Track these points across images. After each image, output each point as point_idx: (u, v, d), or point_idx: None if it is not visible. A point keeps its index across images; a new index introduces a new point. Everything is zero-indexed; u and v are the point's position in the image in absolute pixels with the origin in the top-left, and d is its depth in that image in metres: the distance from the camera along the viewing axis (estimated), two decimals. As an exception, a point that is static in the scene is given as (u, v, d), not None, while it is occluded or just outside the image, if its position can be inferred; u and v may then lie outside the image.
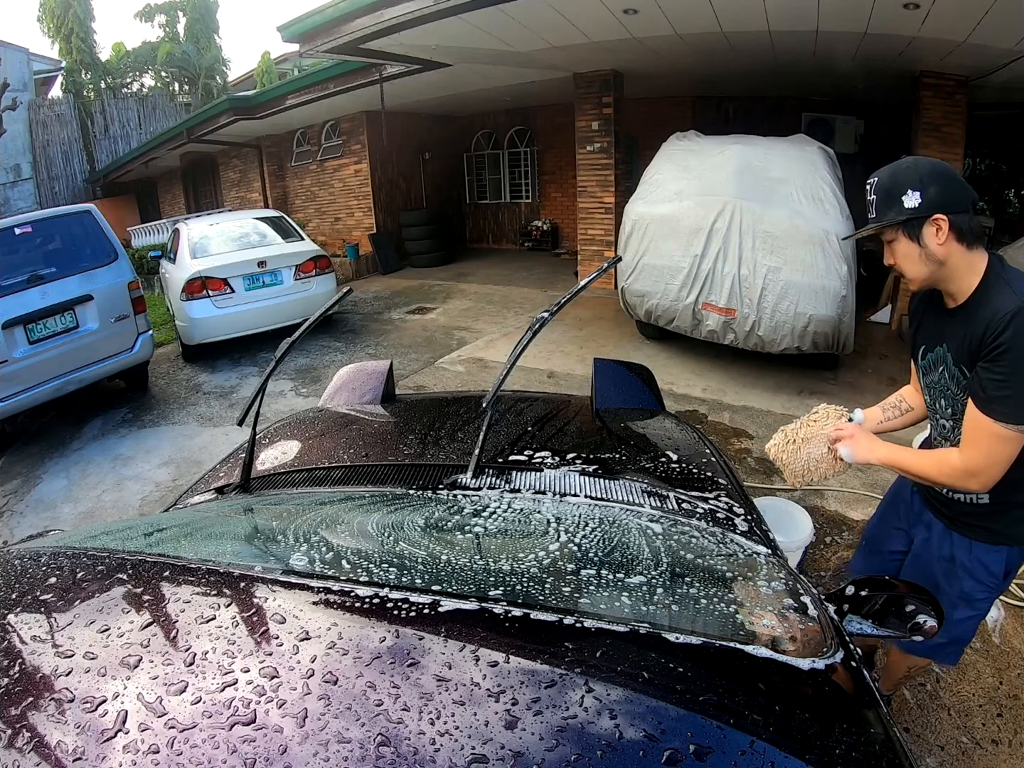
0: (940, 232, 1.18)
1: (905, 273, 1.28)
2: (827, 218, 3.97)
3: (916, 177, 1.19)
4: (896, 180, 1.22)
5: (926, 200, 1.18)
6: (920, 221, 1.19)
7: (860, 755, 0.54)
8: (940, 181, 1.19)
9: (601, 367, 1.94)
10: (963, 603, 1.37)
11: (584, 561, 0.87)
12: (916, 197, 1.19)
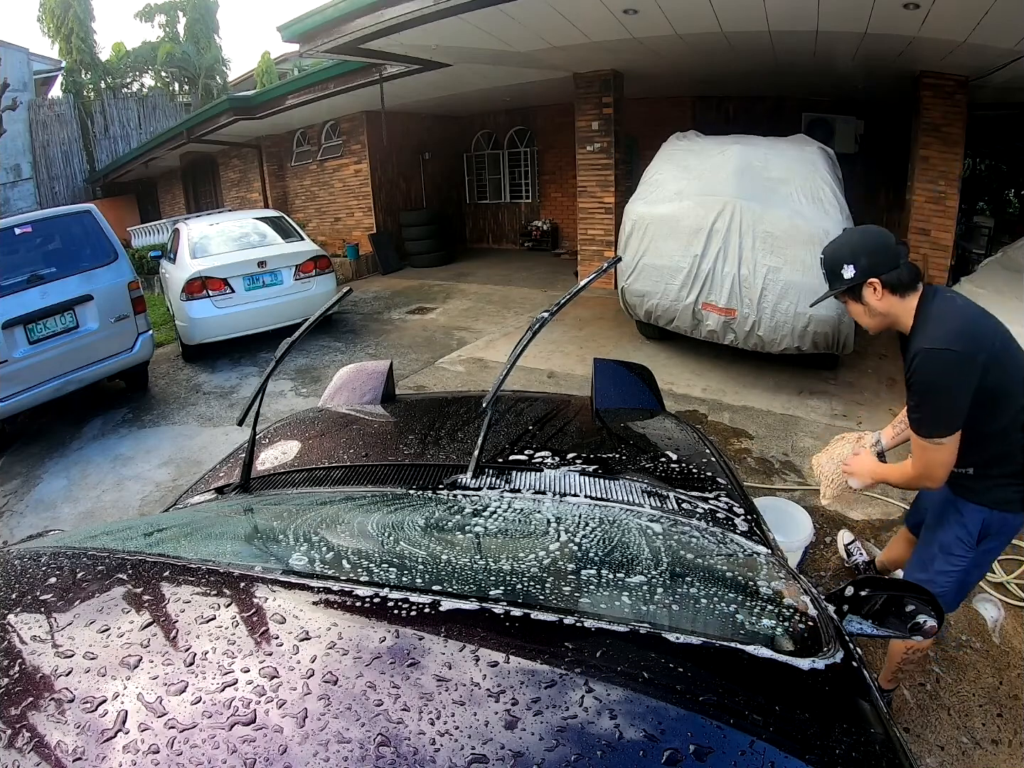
0: (876, 292, 1.48)
1: (861, 325, 1.60)
2: (827, 218, 3.96)
3: (848, 253, 1.50)
4: (834, 258, 1.53)
5: (859, 270, 1.48)
6: (859, 287, 1.50)
7: (860, 755, 0.54)
8: (868, 251, 1.49)
9: (601, 367, 1.94)
10: (942, 554, 1.62)
11: (584, 561, 0.87)
12: (851, 269, 1.49)
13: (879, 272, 1.46)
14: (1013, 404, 1.46)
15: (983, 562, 1.64)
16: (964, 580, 1.64)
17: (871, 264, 1.47)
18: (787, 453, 3.51)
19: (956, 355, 1.38)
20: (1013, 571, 2.48)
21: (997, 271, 4.19)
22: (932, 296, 1.47)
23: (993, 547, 1.62)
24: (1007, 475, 1.52)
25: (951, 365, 1.38)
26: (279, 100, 8.85)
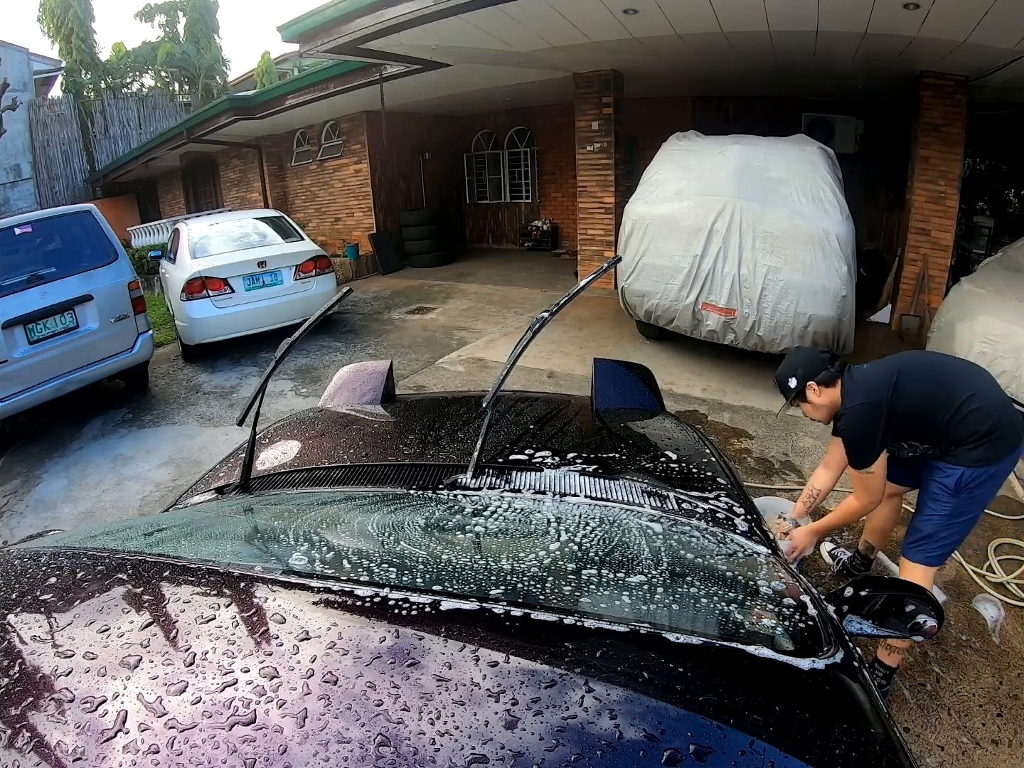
0: (815, 390, 2.00)
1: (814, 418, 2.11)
2: (827, 218, 3.97)
3: (790, 368, 2.04)
4: (782, 374, 2.07)
5: (799, 380, 2.01)
6: (803, 391, 2.01)
7: (860, 755, 0.54)
8: (803, 364, 2.03)
9: (601, 367, 1.94)
10: (930, 500, 1.96)
11: (584, 561, 0.87)
12: (793, 380, 2.02)
13: (814, 376, 1.99)
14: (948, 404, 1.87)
15: (967, 509, 1.93)
16: (952, 522, 1.94)
17: (807, 372, 2.00)
18: (787, 453, 3.51)
19: (861, 408, 1.90)
20: (1013, 571, 2.48)
21: (997, 271, 4.19)
22: (848, 376, 1.99)
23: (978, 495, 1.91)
24: (973, 441, 1.87)
25: (859, 415, 1.90)
26: (279, 100, 8.85)
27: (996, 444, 1.86)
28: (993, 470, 1.89)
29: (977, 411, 1.86)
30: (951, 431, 1.87)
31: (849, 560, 2.54)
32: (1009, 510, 2.89)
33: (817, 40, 4.94)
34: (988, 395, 1.90)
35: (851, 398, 1.93)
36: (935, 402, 1.89)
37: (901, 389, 1.89)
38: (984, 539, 2.69)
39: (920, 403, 1.89)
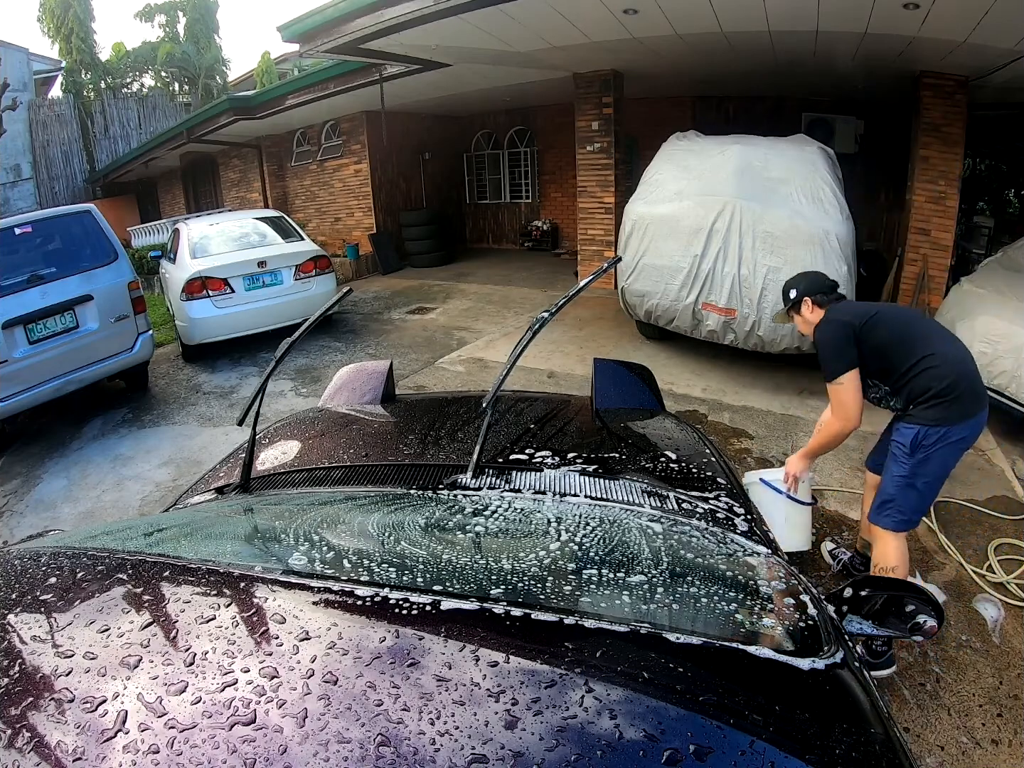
0: (808, 306, 2.24)
1: (802, 331, 2.33)
2: (827, 218, 3.96)
3: (796, 282, 2.30)
4: (784, 289, 2.33)
5: (798, 293, 2.25)
6: (799, 303, 2.26)
7: (860, 755, 0.54)
8: (807, 282, 2.28)
9: (601, 367, 1.94)
10: (891, 462, 2.12)
11: (584, 561, 0.87)
12: (794, 292, 2.27)
13: (811, 294, 2.23)
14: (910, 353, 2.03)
15: (925, 471, 2.05)
16: (911, 483, 2.07)
17: (807, 289, 2.25)
18: (787, 453, 3.51)
19: (832, 322, 2.13)
20: (1013, 571, 2.48)
21: (997, 271, 4.19)
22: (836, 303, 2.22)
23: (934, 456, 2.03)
24: (929, 399, 2.02)
25: (829, 328, 2.12)
26: (279, 100, 8.85)
27: (952, 405, 1.98)
28: (950, 432, 2.00)
29: (936, 369, 2.00)
30: (909, 381, 2.04)
31: (849, 560, 2.55)
32: (1009, 510, 2.89)
33: (817, 40, 4.94)
34: (951, 358, 2.03)
35: (828, 315, 2.18)
36: (899, 347, 2.05)
37: (873, 325, 2.06)
38: (984, 539, 2.69)
39: (886, 343, 2.06)
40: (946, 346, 2.07)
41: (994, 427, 3.72)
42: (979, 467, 3.31)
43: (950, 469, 2.10)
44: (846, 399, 2.06)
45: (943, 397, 1.98)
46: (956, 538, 2.71)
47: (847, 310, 2.16)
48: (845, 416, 2.09)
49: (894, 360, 2.05)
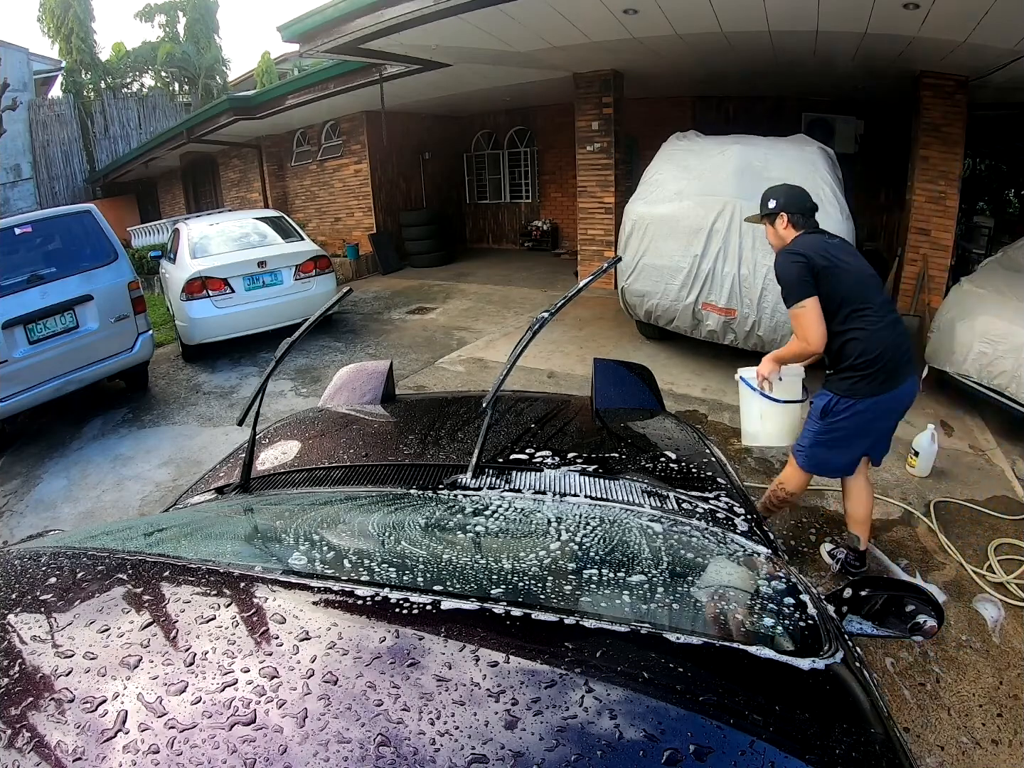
0: (783, 222, 2.29)
1: (770, 242, 2.40)
2: (827, 218, 3.94)
3: (776, 192, 2.32)
4: (766, 194, 2.35)
5: (777, 205, 2.29)
6: (775, 215, 2.30)
7: (860, 755, 0.54)
8: (789, 196, 2.29)
9: (601, 367, 1.94)
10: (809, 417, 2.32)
11: (584, 561, 0.87)
12: (773, 202, 2.30)
13: (788, 210, 2.27)
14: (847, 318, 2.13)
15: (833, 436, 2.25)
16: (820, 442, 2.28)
17: (786, 204, 2.27)
18: (787, 453, 3.51)
19: (791, 253, 2.18)
20: (1013, 571, 2.48)
21: (997, 271, 4.19)
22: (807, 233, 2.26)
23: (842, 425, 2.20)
24: (845, 369, 2.17)
25: (789, 260, 2.17)
26: (279, 100, 8.85)
27: (861, 381, 2.14)
28: (857, 405, 2.17)
29: (860, 342, 2.13)
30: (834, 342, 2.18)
31: (846, 558, 2.55)
32: (1009, 510, 2.89)
33: (817, 40, 4.94)
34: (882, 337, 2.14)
35: (790, 244, 2.24)
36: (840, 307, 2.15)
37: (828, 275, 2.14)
38: (984, 539, 2.69)
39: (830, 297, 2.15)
40: (882, 323, 2.15)
41: (994, 427, 3.72)
42: (979, 467, 3.32)
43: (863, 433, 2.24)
44: (806, 323, 2.14)
45: (858, 371, 2.14)
46: (956, 538, 2.71)
47: (814, 247, 2.18)
48: (804, 338, 2.16)
49: (831, 316, 2.14)
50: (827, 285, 2.13)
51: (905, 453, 3.33)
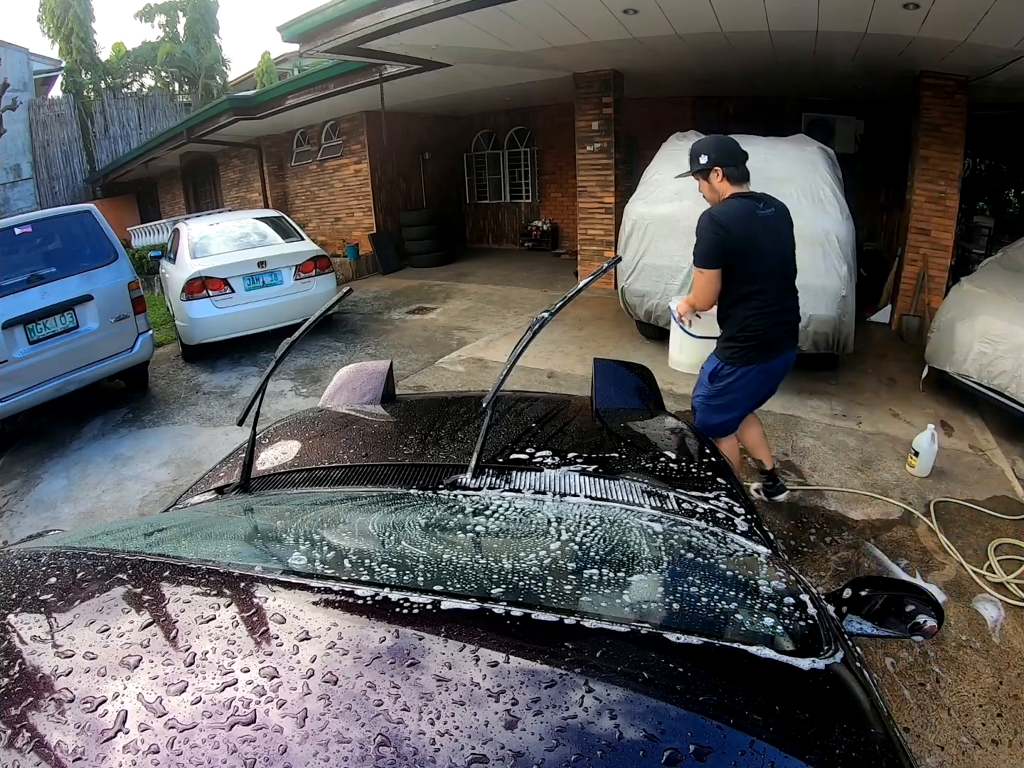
0: (718, 176, 2.29)
1: (704, 196, 2.39)
2: (827, 218, 3.96)
3: (706, 146, 2.32)
4: (696, 149, 2.34)
5: (710, 160, 2.28)
6: (708, 170, 2.30)
7: (860, 755, 0.54)
8: (719, 149, 2.29)
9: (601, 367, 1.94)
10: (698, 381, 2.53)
11: (584, 561, 0.87)
12: (705, 158, 2.29)
13: (722, 164, 2.28)
14: (741, 286, 2.27)
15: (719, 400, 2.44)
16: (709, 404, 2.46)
17: (719, 158, 2.28)
18: (787, 453, 3.51)
19: (715, 221, 2.22)
20: (1013, 571, 2.48)
21: (997, 271, 4.19)
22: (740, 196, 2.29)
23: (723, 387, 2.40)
24: (730, 339, 2.36)
25: (712, 224, 2.23)
26: (279, 100, 8.85)
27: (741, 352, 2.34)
28: (739, 371, 2.36)
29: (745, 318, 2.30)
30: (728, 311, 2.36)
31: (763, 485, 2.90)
32: (1009, 510, 2.89)
33: (817, 40, 4.93)
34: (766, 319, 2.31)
35: (721, 208, 2.27)
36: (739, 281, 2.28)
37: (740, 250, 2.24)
38: (984, 539, 2.69)
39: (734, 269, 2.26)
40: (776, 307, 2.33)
41: (994, 427, 3.72)
42: (979, 467, 3.31)
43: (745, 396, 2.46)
44: (700, 287, 2.34)
45: (739, 342, 2.35)
46: (956, 538, 2.71)
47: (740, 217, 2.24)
48: (696, 299, 2.38)
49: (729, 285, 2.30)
50: (736, 261, 2.25)
51: (905, 453, 3.33)
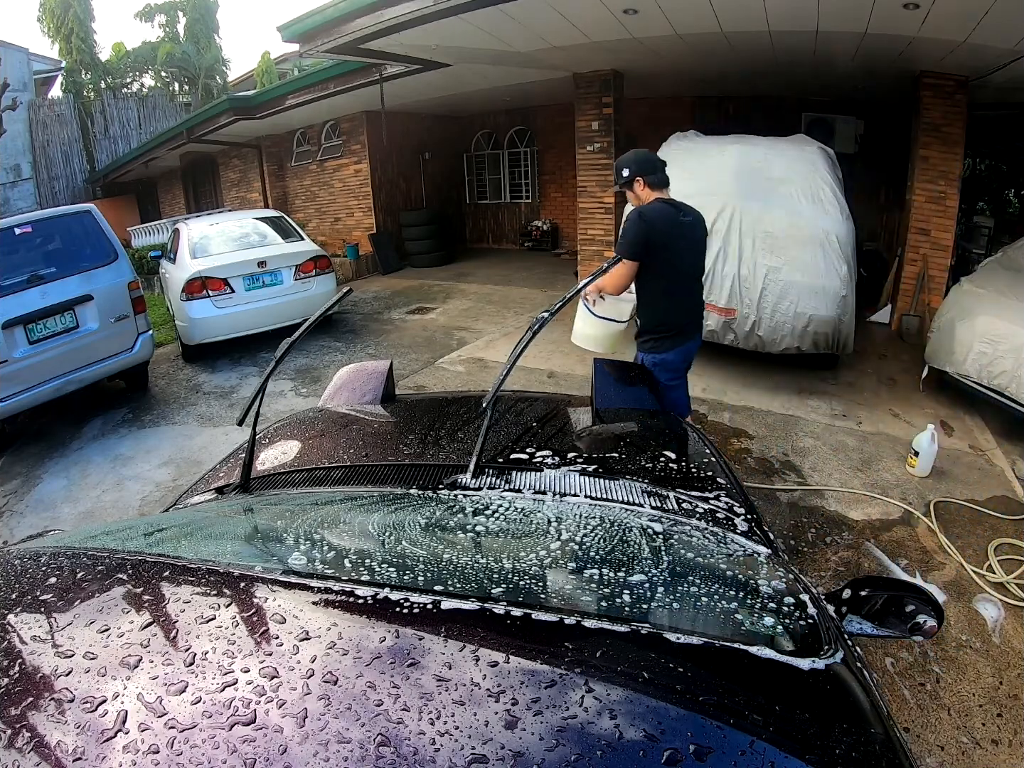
0: (641, 185, 2.53)
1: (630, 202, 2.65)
2: (827, 218, 3.97)
3: (627, 161, 2.55)
4: (619, 164, 2.58)
5: (632, 172, 2.52)
6: (632, 181, 2.53)
7: (860, 755, 0.54)
8: (638, 162, 2.53)
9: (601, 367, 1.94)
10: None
11: (584, 561, 0.87)
12: (627, 171, 2.53)
13: (644, 174, 2.51)
14: (659, 282, 2.51)
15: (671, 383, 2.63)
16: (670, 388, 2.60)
17: (640, 169, 2.52)
18: (787, 453, 3.51)
19: (643, 217, 2.43)
20: (1013, 571, 2.48)
21: (997, 271, 4.19)
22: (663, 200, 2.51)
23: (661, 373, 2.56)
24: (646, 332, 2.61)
25: (639, 220, 2.43)
26: (279, 100, 8.84)
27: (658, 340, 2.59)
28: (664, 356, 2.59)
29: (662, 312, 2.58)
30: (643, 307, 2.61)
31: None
32: (1009, 510, 2.89)
33: (817, 40, 4.93)
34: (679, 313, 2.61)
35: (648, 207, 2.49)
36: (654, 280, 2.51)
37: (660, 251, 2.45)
38: (984, 539, 2.69)
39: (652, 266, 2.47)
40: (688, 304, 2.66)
41: (994, 427, 3.73)
42: (979, 467, 3.32)
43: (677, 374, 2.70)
44: (618, 275, 2.52)
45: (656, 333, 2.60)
46: (956, 538, 2.71)
47: (664, 219, 2.47)
48: (610, 283, 2.56)
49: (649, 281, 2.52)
50: (654, 259, 2.47)
51: (905, 453, 3.33)
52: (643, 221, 2.43)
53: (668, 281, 2.53)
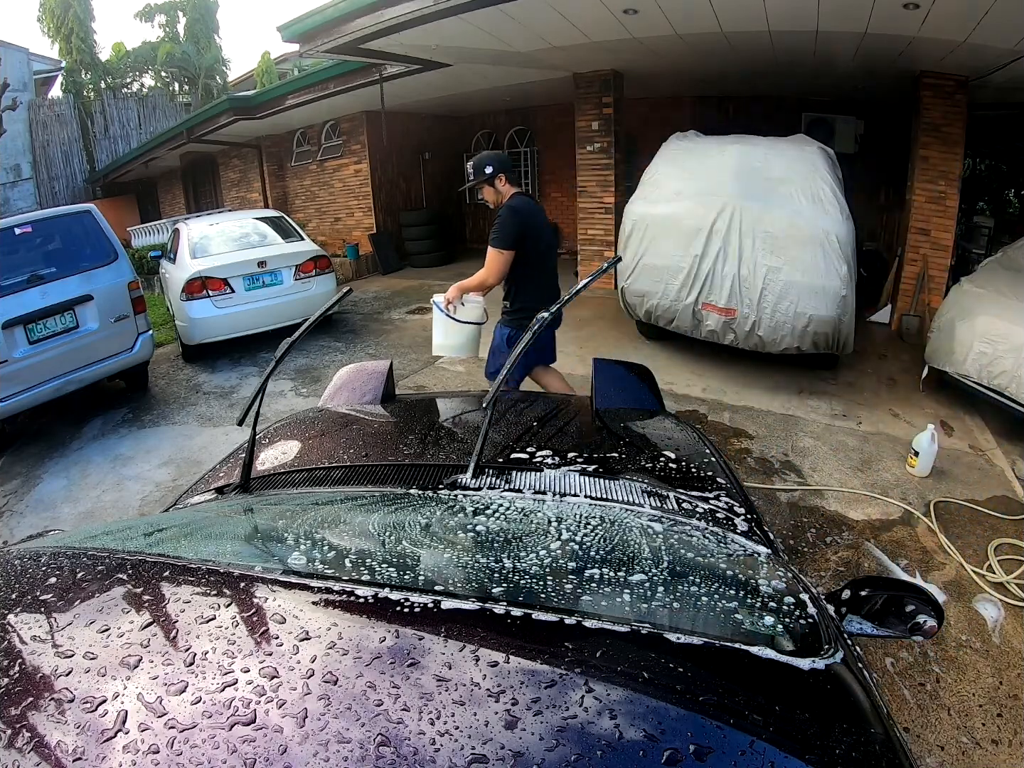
0: (502, 181, 2.85)
1: (488, 201, 2.96)
2: (827, 218, 3.97)
3: (488, 159, 2.86)
4: (479, 161, 2.87)
5: (495, 169, 2.83)
6: (493, 178, 2.84)
7: (860, 755, 0.54)
8: (498, 159, 2.87)
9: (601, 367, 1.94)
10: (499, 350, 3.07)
11: (584, 561, 0.87)
12: (490, 168, 2.83)
13: (505, 171, 2.85)
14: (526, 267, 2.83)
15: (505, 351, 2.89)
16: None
17: (500, 167, 2.84)
18: (787, 453, 3.51)
19: (513, 210, 2.78)
20: (1013, 571, 2.48)
21: (997, 271, 4.19)
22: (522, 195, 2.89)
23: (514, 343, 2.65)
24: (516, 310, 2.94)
25: (514, 214, 2.76)
26: (279, 100, 8.84)
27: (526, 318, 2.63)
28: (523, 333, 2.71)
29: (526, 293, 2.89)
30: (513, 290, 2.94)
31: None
32: (1009, 510, 2.89)
33: (817, 40, 4.93)
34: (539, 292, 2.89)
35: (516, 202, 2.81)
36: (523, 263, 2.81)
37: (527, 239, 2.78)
38: (984, 539, 2.69)
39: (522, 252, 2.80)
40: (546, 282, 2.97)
41: (994, 427, 3.73)
42: (979, 467, 3.32)
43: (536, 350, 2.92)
44: (496, 265, 2.80)
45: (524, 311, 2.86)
46: (956, 538, 2.71)
47: (529, 211, 2.84)
48: (489, 275, 2.83)
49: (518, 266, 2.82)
50: (529, 247, 2.81)
51: (905, 453, 3.33)
52: (518, 215, 2.77)
53: (533, 264, 2.86)
